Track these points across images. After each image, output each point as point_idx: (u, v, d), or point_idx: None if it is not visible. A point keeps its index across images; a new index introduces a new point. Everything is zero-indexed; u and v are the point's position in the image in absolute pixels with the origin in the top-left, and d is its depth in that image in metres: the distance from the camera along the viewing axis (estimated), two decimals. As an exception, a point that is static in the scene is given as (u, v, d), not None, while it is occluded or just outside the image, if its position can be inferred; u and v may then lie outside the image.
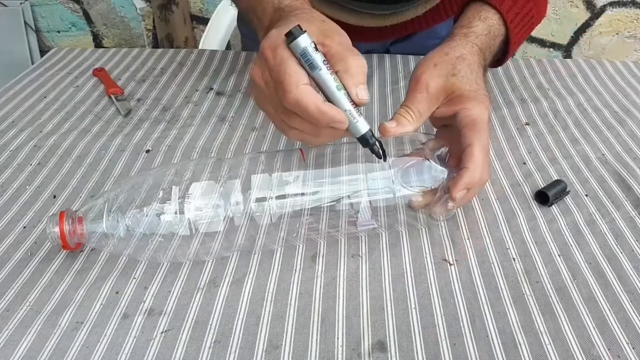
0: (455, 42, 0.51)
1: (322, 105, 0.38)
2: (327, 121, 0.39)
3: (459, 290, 0.43)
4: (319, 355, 0.38)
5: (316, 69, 0.39)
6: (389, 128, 0.45)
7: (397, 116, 0.46)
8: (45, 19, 1.89)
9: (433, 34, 0.80)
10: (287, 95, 0.39)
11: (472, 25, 0.53)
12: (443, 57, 0.49)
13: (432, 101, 0.47)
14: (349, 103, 0.40)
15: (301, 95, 0.38)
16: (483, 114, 0.47)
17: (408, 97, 0.48)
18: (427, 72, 0.47)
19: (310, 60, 0.39)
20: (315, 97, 0.38)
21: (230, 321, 0.40)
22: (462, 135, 0.46)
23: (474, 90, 0.48)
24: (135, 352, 0.38)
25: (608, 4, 1.75)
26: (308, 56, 0.39)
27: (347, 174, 0.45)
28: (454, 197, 0.44)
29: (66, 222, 0.42)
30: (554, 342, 0.39)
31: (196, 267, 0.45)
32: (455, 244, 0.47)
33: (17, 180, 0.55)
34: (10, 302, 0.42)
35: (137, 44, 1.92)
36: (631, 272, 0.45)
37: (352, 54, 0.41)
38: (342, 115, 0.39)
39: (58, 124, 0.65)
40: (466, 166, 0.44)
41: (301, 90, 0.38)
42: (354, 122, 0.41)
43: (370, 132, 0.42)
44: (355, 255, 0.46)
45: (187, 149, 0.60)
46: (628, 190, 0.53)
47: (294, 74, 0.39)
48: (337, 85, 0.40)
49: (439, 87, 0.47)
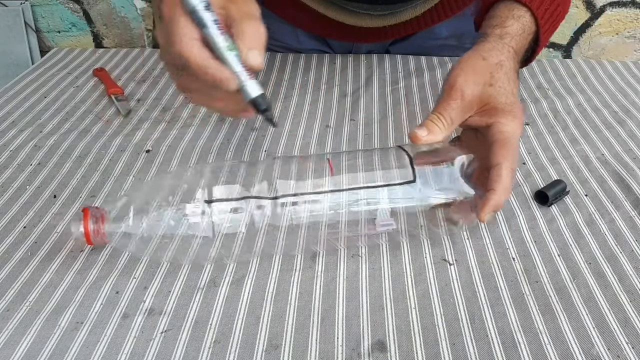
0: (491, 44, 0.49)
1: (207, 60, 0.38)
2: (211, 78, 0.38)
3: (458, 290, 0.43)
4: (318, 355, 0.38)
5: (205, 27, 0.38)
6: (421, 137, 0.44)
7: (428, 122, 0.45)
8: (45, 19, 1.89)
9: (432, 35, 0.80)
10: (173, 48, 0.38)
11: (506, 24, 0.51)
12: (480, 63, 0.46)
13: (465, 110, 0.45)
14: (239, 65, 0.39)
15: (184, 47, 0.38)
16: (516, 132, 0.45)
17: (441, 103, 0.45)
18: (463, 79, 0.45)
19: (198, 18, 0.38)
20: (199, 52, 0.38)
21: (230, 321, 0.40)
22: (491, 151, 0.44)
23: (510, 103, 0.46)
24: (135, 352, 0.38)
25: (608, 4, 1.75)
26: (196, 14, 0.38)
27: (369, 180, 0.43)
28: (482, 219, 0.43)
29: (90, 220, 0.41)
30: (553, 342, 0.39)
31: (196, 267, 0.45)
32: (455, 243, 0.47)
33: (17, 180, 0.55)
34: (10, 302, 0.42)
35: (138, 44, 1.92)
36: (631, 272, 0.45)
37: (248, 18, 0.39)
38: (225, 73, 0.38)
39: (58, 124, 0.65)
40: (493, 188, 0.43)
41: (185, 42, 0.38)
42: (243, 85, 0.39)
43: (262, 96, 0.40)
44: (355, 255, 0.46)
45: (187, 149, 0.60)
46: (628, 190, 0.53)
47: (182, 28, 0.38)
48: (228, 46, 0.38)
49: (475, 95, 0.45)
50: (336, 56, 0.80)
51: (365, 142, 0.61)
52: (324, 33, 0.80)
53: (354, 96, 0.71)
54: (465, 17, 0.79)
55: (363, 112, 0.67)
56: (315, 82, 0.74)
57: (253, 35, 0.39)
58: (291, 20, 0.79)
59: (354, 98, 0.70)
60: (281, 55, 0.80)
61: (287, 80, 0.75)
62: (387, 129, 0.64)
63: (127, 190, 0.53)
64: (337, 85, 0.73)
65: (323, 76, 0.75)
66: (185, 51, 0.38)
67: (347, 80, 0.74)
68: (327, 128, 0.64)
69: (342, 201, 0.42)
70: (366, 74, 0.76)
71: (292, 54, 0.81)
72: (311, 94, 0.71)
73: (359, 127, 0.64)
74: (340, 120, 0.66)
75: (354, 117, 0.66)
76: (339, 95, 0.71)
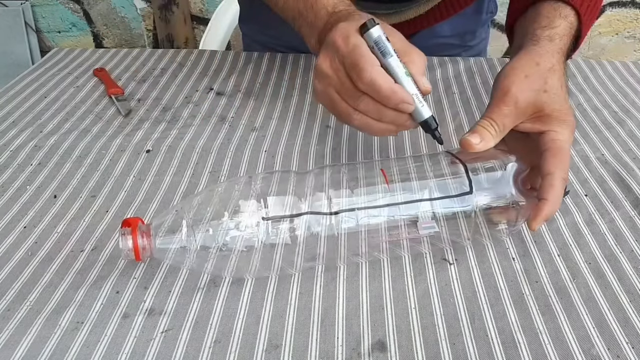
0: (543, 48, 0.47)
1: (394, 85, 0.43)
2: (397, 100, 0.42)
3: (458, 290, 0.43)
4: (319, 355, 0.38)
5: (388, 55, 0.44)
6: (474, 144, 0.43)
7: (480, 129, 0.44)
8: (45, 19, 1.89)
9: (434, 33, 0.80)
10: (363, 75, 0.42)
11: (554, 25, 0.50)
12: (534, 68, 0.45)
13: (518, 116, 0.44)
14: (415, 89, 0.44)
15: (377, 74, 0.42)
16: (569, 140, 0.44)
17: (492, 109, 0.45)
18: (517, 84, 0.44)
19: (383, 48, 0.44)
20: (388, 77, 0.43)
21: (230, 321, 0.41)
22: (543, 159, 0.43)
23: (564, 110, 0.45)
24: (136, 351, 0.38)
25: (608, 4, 1.75)
26: (381, 44, 0.44)
27: (423, 189, 0.43)
28: (534, 229, 0.42)
29: (139, 236, 0.40)
30: (553, 341, 0.39)
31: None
32: (455, 243, 0.47)
33: (17, 180, 0.55)
34: (11, 302, 0.42)
35: (138, 44, 1.92)
36: (631, 272, 0.45)
37: (415, 49, 0.45)
38: (410, 97, 0.43)
39: (58, 124, 0.65)
40: (546, 198, 0.42)
41: (376, 69, 0.42)
42: (420, 106, 0.44)
43: (432, 117, 0.45)
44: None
45: (188, 149, 0.60)
46: (627, 190, 0.53)
47: (369, 57, 0.43)
48: (406, 72, 0.44)
49: (529, 102, 0.44)
50: (336, 56, 0.80)
51: (365, 142, 0.61)
52: None
53: (354, 96, 0.71)
54: (467, 16, 0.79)
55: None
56: (316, 82, 0.74)
57: (422, 64, 0.45)
58: None
59: (354, 98, 0.70)
60: (281, 55, 0.80)
61: (287, 80, 0.75)
62: (387, 129, 0.64)
63: (176, 202, 0.50)
64: (337, 85, 0.73)
65: (323, 76, 0.75)
66: (378, 78, 0.42)
67: (347, 80, 0.74)
68: (327, 128, 0.64)
69: (398, 214, 0.42)
70: (366, 74, 0.76)
71: (293, 54, 0.81)
72: (311, 94, 0.71)
73: (359, 127, 0.64)
74: (340, 120, 0.65)
75: (354, 117, 0.66)
76: (339, 95, 0.71)
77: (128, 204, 0.52)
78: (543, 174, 0.43)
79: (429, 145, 0.60)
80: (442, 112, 0.67)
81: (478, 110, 0.67)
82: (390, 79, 0.43)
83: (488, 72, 0.76)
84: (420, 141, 0.61)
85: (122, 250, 0.39)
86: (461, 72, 0.76)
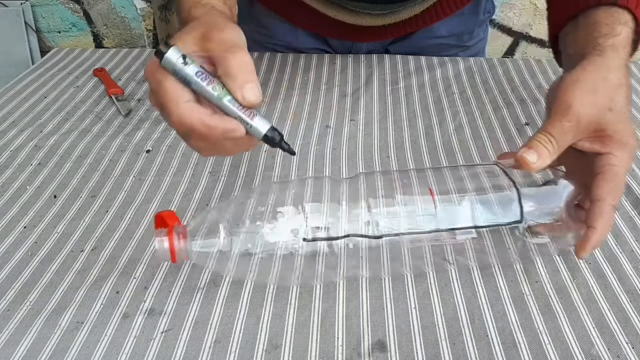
0: (610, 59, 0.43)
1: (209, 120, 0.36)
2: (219, 135, 0.36)
3: (458, 290, 0.43)
4: (319, 355, 0.38)
5: (190, 84, 0.36)
6: (530, 163, 0.39)
7: (537, 145, 0.40)
8: (45, 19, 1.89)
9: (431, 34, 0.80)
10: (170, 118, 0.36)
11: (615, 33, 0.45)
12: (602, 84, 0.41)
13: (578, 133, 0.41)
14: (237, 109, 0.36)
15: (183, 115, 0.35)
16: (626, 165, 0.41)
17: (552, 123, 0.40)
18: (580, 99, 0.40)
19: (183, 77, 0.36)
20: (198, 113, 0.36)
21: (230, 321, 0.41)
22: (595, 182, 0.40)
23: (627, 132, 0.41)
24: (136, 352, 0.38)
25: (608, 4, 1.75)
26: (178, 73, 0.36)
27: (472, 210, 0.41)
28: (581, 257, 0.40)
29: (175, 238, 0.39)
30: (553, 342, 0.39)
31: (196, 267, 0.45)
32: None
33: (17, 180, 0.55)
34: (11, 302, 0.42)
35: (138, 44, 1.92)
36: (631, 272, 0.45)
37: (231, 52, 0.36)
38: (232, 123, 0.36)
39: (58, 124, 0.65)
40: (594, 226, 0.39)
41: (182, 109, 0.36)
42: (249, 126, 0.37)
43: (271, 129, 0.38)
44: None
45: (187, 149, 0.60)
46: (628, 190, 0.53)
47: (172, 94, 0.36)
48: (219, 94, 0.36)
49: (592, 120, 0.40)
50: (336, 56, 0.80)
51: (365, 142, 0.61)
52: (323, 32, 0.80)
53: (354, 96, 0.71)
54: (464, 16, 0.79)
55: (363, 112, 0.67)
56: (315, 82, 0.74)
57: (240, 70, 0.36)
58: (291, 19, 0.79)
59: (354, 98, 0.70)
60: (281, 55, 0.80)
61: (287, 80, 0.75)
62: (387, 129, 0.64)
63: (212, 206, 0.50)
64: (337, 85, 0.73)
65: (323, 76, 0.75)
66: (186, 119, 0.36)
67: (347, 80, 0.74)
68: (327, 128, 0.64)
69: (442, 235, 0.41)
70: (366, 74, 0.76)
71: (292, 54, 0.81)
72: (311, 94, 0.71)
73: (359, 127, 0.64)
74: (340, 120, 0.66)
75: (354, 117, 0.66)
76: (339, 95, 0.71)
77: (128, 204, 0.52)
78: (593, 199, 0.40)
79: (429, 145, 0.61)
80: (442, 112, 0.67)
81: (478, 110, 0.67)
82: (203, 113, 0.36)
83: (488, 72, 0.76)
84: (420, 141, 0.61)
85: (157, 252, 0.39)
86: (461, 72, 0.76)
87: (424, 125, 0.64)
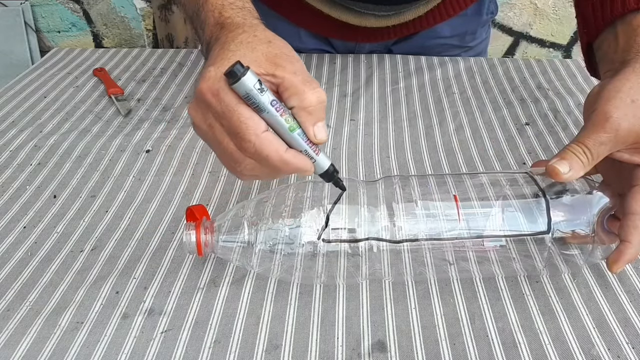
0: None
1: (285, 154, 0.35)
2: (290, 171, 0.36)
3: (458, 290, 0.43)
4: (319, 355, 0.38)
5: (263, 111, 0.34)
6: (561, 174, 0.38)
7: (570, 155, 0.38)
8: (45, 19, 1.89)
9: (434, 34, 0.80)
10: (246, 146, 0.35)
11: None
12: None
13: (616, 144, 0.39)
14: (305, 143, 0.36)
15: (261, 146, 0.34)
16: None
17: (588, 134, 0.39)
18: (621, 110, 0.38)
19: (256, 103, 0.34)
20: (277, 146, 0.35)
21: (230, 321, 0.40)
22: (631, 195, 0.39)
23: None
24: (135, 352, 0.38)
25: None
26: (253, 99, 0.34)
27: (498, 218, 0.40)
28: (614, 271, 0.39)
29: (202, 231, 0.40)
30: (553, 342, 0.39)
31: (196, 267, 0.45)
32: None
33: (17, 180, 0.55)
34: (11, 302, 0.42)
35: (137, 44, 1.92)
36: (631, 272, 0.45)
37: (309, 87, 0.36)
38: (307, 163, 0.36)
39: (58, 124, 0.65)
40: (629, 240, 0.38)
41: (261, 139, 0.34)
42: (316, 159, 0.37)
43: (332, 167, 0.38)
44: (355, 255, 0.46)
45: (187, 149, 0.60)
46: (628, 190, 0.53)
47: (251, 122, 0.34)
48: (290, 127, 0.35)
49: (632, 131, 0.38)
50: (336, 56, 0.80)
51: (365, 142, 0.61)
52: (327, 33, 0.80)
53: (354, 96, 0.71)
54: (467, 17, 0.80)
55: (363, 112, 0.67)
56: (315, 82, 0.74)
57: (318, 108, 0.36)
58: (294, 20, 0.79)
59: (354, 98, 0.70)
60: (281, 55, 0.80)
61: (287, 80, 0.75)
62: (387, 129, 0.64)
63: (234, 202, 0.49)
64: (337, 85, 0.73)
65: (323, 76, 0.75)
66: (264, 150, 0.34)
67: (347, 80, 0.74)
68: (327, 128, 0.64)
69: (465, 242, 0.41)
70: (366, 73, 0.76)
71: (292, 54, 0.81)
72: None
73: (359, 127, 0.64)
74: (340, 120, 0.66)
75: (354, 117, 0.66)
76: (339, 95, 0.71)
77: (128, 204, 0.52)
78: (628, 212, 0.39)
79: (429, 145, 0.60)
80: (442, 112, 0.67)
81: (478, 110, 0.67)
82: (280, 146, 0.35)
83: (488, 72, 0.76)
84: (420, 141, 0.61)
85: (185, 245, 0.40)
86: (461, 71, 0.76)
87: (424, 125, 0.64)
